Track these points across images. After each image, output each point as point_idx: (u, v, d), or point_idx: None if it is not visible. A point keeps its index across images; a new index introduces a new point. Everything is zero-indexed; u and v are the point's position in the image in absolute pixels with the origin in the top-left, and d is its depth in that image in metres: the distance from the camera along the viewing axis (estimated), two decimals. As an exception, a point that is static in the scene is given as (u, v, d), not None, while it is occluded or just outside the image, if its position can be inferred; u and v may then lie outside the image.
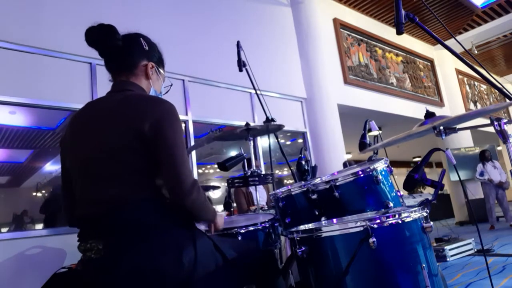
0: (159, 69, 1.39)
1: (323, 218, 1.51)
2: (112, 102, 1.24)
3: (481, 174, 7.09)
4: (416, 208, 1.21)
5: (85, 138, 1.21)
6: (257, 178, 1.86)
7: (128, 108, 1.19)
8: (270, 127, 2.09)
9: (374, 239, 1.09)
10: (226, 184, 1.99)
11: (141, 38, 1.35)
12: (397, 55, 8.36)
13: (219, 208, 4.92)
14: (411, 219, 1.18)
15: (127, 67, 1.31)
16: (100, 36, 1.25)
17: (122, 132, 1.15)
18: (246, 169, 1.94)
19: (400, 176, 1.67)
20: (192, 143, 4.25)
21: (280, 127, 2.09)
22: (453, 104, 9.56)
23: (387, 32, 8.12)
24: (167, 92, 1.49)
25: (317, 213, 1.54)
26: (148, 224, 1.12)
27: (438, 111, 5.63)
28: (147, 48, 1.34)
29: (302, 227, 1.36)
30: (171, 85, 1.52)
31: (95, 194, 1.15)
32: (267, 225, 1.70)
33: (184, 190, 1.12)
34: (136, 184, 1.15)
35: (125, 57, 1.31)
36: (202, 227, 1.36)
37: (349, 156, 9.50)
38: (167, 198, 1.18)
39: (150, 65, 1.34)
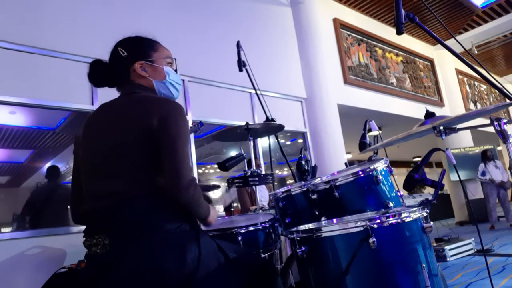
0: (150, 58, 1.36)
1: (323, 218, 1.51)
2: (121, 103, 1.30)
3: (483, 174, 7.07)
4: (416, 208, 1.21)
5: (96, 137, 1.26)
6: (257, 178, 1.86)
7: (137, 107, 1.24)
8: (270, 127, 2.09)
9: (374, 239, 1.09)
10: (226, 184, 1.99)
11: (118, 48, 1.35)
12: (397, 55, 8.36)
13: (219, 208, 4.92)
14: (411, 219, 1.18)
15: (123, 82, 1.36)
16: (96, 79, 1.36)
17: (130, 130, 1.19)
18: (246, 168, 1.94)
19: (400, 176, 1.68)
20: (192, 143, 4.26)
21: (280, 127, 2.08)
22: (453, 104, 9.56)
23: (387, 32, 8.12)
24: (176, 69, 1.43)
25: (317, 213, 1.54)
26: (153, 221, 1.14)
27: (438, 111, 5.63)
28: (125, 53, 1.34)
29: (302, 227, 1.36)
30: (175, 59, 1.45)
31: (102, 190, 1.18)
32: (267, 225, 1.70)
33: (181, 186, 1.13)
34: (142, 180, 1.17)
35: (118, 77, 1.36)
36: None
37: (349, 156, 9.51)
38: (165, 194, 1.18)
39: (137, 65, 1.33)
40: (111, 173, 1.18)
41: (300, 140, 5.85)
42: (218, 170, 1.92)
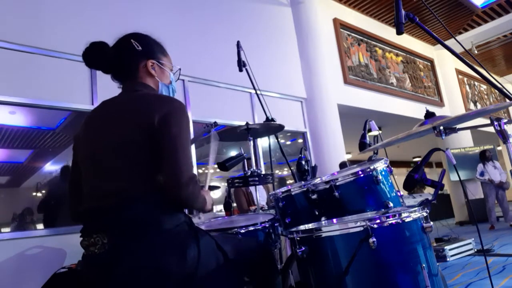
0: (161, 61, 1.38)
1: (323, 218, 1.51)
2: (123, 101, 1.28)
3: (481, 174, 7.09)
4: (416, 208, 1.21)
5: (96, 134, 1.24)
6: (257, 178, 1.86)
7: (138, 105, 1.23)
8: (270, 127, 2.09)
9: (374, 239, 1.09)
10: (226, 184, 1.99)
11: (132, 40, 1.33)
12: (397, 55, 8.36)
13: (219, 207, 4.92)
14: (411, 219, 1.18)
15: (129, 75, 1.33)
16: (94, 59, 1.29)
17: (131, 128, 1.18)
18: (246, 169, 1.94)
19: (400, 176, 1.68)
20: (192, 143, 4.26)
21: (280, 127, 2.08)
22: (453, 104, 9.56)
23: (387, 32, 8.12)
24: (178, 78, 1.47)
25: (317, 213, 1.54)
26: (153, 220, 1.13)
27: (438, 111, 5.63)
28: (140, 48, 1.33)
29: (302, 227, 1.36)
30: (179, 69, 1.49)
31: (102, 188, 1.17)
32: (267, 225, 1.70)
33: (181, 182, 1.12)
34: (142, 179, 1.17)
35: (124, 68, 1.33)
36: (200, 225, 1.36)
37: (349, 156, 9.51)
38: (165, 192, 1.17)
39: (149, 63, 1.34)
40: (112, 171, 1.17)
41: (300, 140, 5.85)
42: (218, 170, 1.92)
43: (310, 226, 1.38)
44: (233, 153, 5.03)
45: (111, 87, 1.40)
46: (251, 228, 1.64)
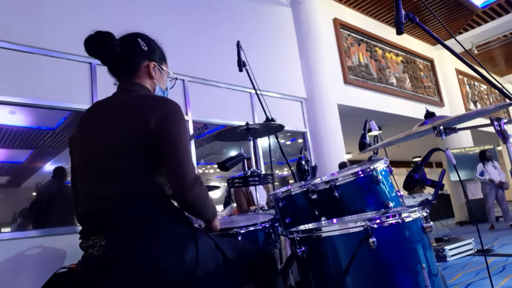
0: (162, 66, 1.39)
1: (323, 218, 1.50)
2: (118, 101, 1.27)
3: (481, 174, 7.09)
4: (416, 208, 1.21)
5: (91, 137, 1.23)
6: (257, 178, 1.86)
7: (134, 107, 1.22)
8: (270, 127, 2.09)
9: (374, 239, 1.09)
10: (226, 184, 1.99)
11: (139, 39, 1.34)
12: (397, 55, 8.36)
13: (219, 208, 4.92)
14: (411, 219, 1.18)
15: (129, 71, 1.32)
16: (98, 46, 1.27)
17: (127, 130, 1.17)
18: (246, 169, 1.94)
19: (400, 176, 1.67)
20: (192, 143, 4.27)
21: (280, 127, 2.08)
22: (453, 104, 9.57)
23: (387, 32, 8.12)
24: (172, 86, 1.49)
25: (317, 213, 1.54)
26: (151, 221, 1.13)
27: (438, 111, 5.63)
28: (146, 48, 1.34)
29: (302, 227, 1.36)
30: (176, 78, 1.51)
31: (99, 191, 1.17)
32: (267, 225, 1.70)
33: (187, 184, 1.13)
34: (140, 181, 1.16)
35: (126, 62, 1.32)
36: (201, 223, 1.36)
37: (349, 156, 9.51)
38: (169, 195, 1.19)
39: (151, 65, 1.34)
40: (109, 173, 1.17)
41: (300, 140, 5.86)
42: (218, 170, 1.92)
43: (310, 226, 1.38)
44: (233, 153, 5.04)
45: (111, 88, 1.40)
46: (251, 228, 1.64)
